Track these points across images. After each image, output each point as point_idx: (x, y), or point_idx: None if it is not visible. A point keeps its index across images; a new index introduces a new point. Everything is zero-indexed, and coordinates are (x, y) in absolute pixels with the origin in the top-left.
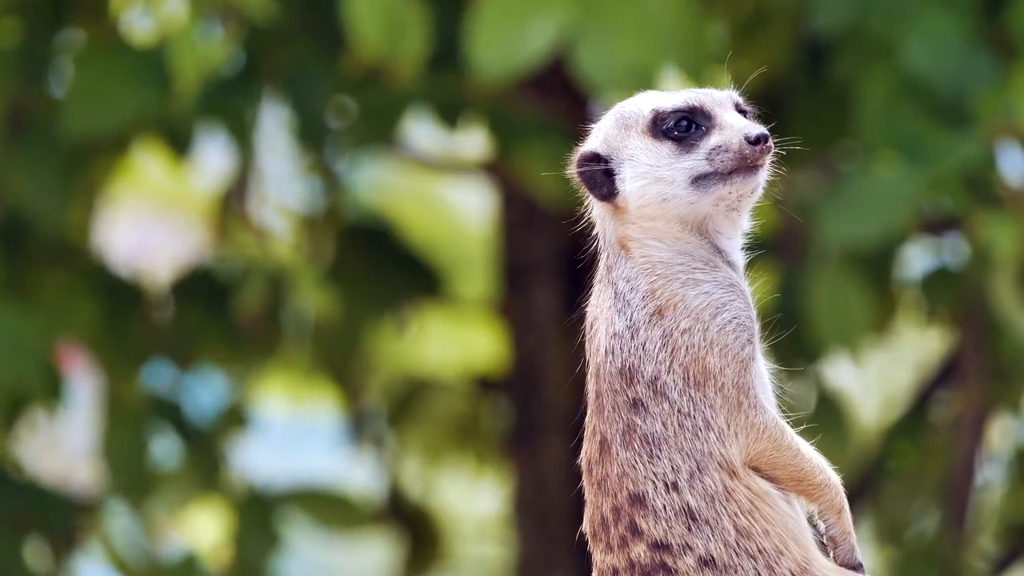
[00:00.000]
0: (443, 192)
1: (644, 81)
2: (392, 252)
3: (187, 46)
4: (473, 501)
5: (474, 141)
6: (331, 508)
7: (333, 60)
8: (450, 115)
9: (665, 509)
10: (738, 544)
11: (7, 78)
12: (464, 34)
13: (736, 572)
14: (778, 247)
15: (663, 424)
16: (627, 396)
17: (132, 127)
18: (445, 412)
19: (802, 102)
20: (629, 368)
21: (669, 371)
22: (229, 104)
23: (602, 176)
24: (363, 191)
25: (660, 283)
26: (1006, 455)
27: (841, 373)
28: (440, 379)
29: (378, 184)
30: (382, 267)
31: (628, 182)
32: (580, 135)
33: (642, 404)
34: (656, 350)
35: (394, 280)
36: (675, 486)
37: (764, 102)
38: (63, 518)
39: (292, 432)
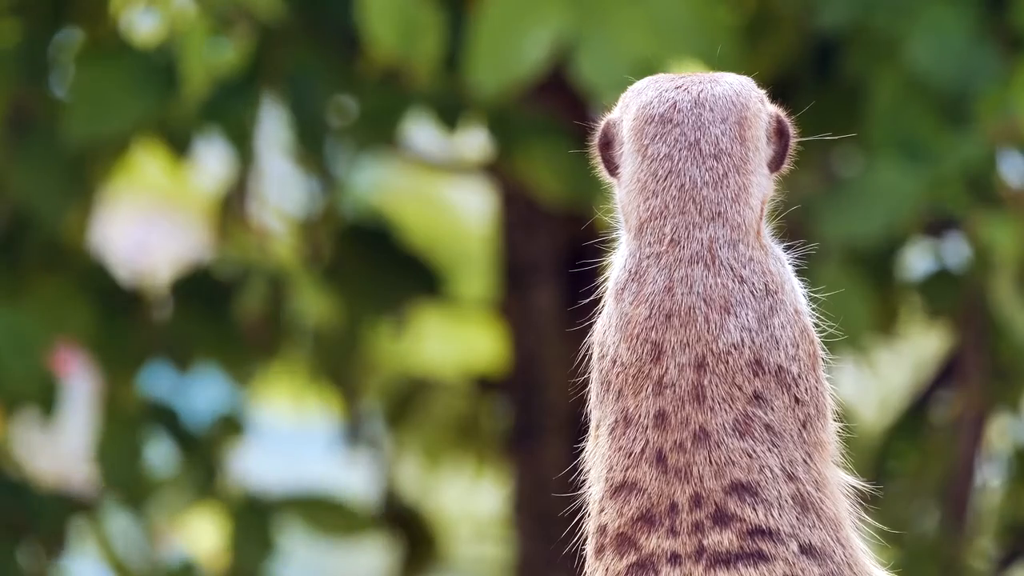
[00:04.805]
0: (443, 192)
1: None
2: (392, 252)
3: (196, 48)
4: (473, 501)
5: (474, 141)
6: (330, 514)
7: (335, 61)
8: (450, 116)
9: (780, 498)
10: (833, 531)
11: (8, 78)
12: (462, 44)
13: (832, 559)
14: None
15: (783, 414)
16: (748, 389)
17: (135, 130)
18: (445, 412)
19: (809, 101)
20: (757, 360)
21: (794, 359)
22: (229, 106)
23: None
24: (363, 191)
25: (779, 268)
26: (1006, 455)
27: (838, 373)
28: (439, 379)
29: (378, 184)
30: (381, 267)
31: None
32: (581, 134)
33: (762, 397)
34: (784, 339)
35: (394, 280)
36: (792, 476)
37: (771, 101)
38: (59, 518)
39: (286, 435)
